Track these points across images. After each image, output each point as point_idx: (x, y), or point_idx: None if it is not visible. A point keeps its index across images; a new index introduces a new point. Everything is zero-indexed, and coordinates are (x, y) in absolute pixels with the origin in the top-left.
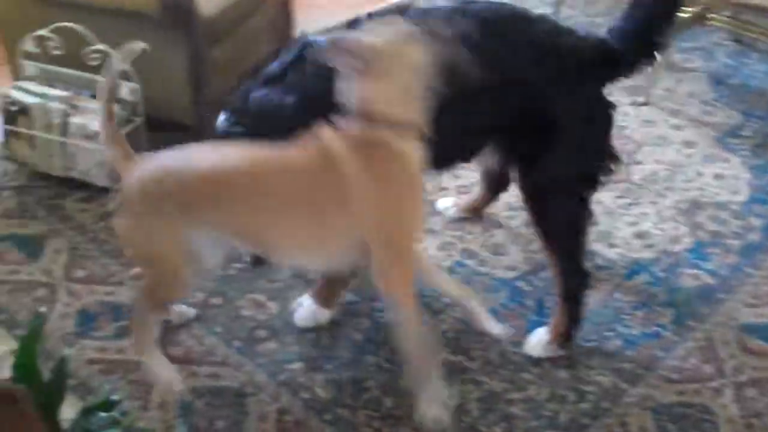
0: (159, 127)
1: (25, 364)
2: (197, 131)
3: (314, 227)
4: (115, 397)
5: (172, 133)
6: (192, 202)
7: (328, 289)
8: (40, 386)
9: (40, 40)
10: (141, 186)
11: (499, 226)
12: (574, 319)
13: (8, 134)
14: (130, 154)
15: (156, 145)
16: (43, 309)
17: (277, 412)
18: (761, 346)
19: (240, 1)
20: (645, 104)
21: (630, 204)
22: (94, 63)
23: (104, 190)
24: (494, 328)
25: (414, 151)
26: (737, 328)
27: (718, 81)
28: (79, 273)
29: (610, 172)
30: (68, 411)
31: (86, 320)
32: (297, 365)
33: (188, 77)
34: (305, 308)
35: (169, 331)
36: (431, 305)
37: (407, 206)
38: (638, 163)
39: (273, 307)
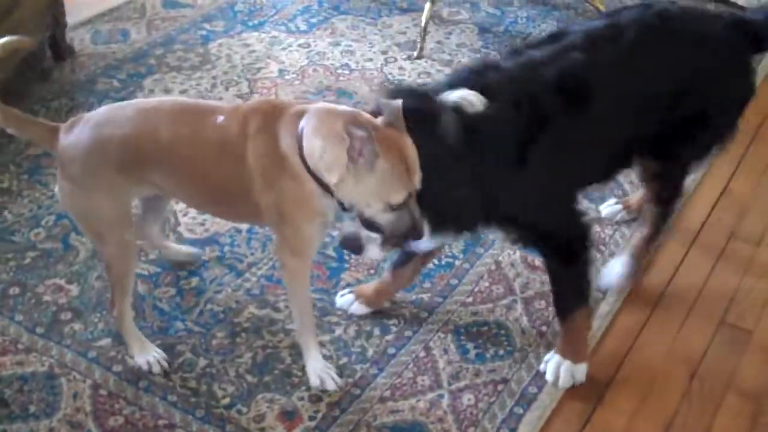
0: None
1: None
2: None
3: (218, 193)
4: None
5: None
6: (131, 160)
7: (375, 296)
8: None
9: None
10: (79, 151)
11: None
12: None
13: None
14: (50, 126)
15: None
16: None
17: (90, 388)
18: (542, 261)
19: None
20: (419, 58)
21: None
22: None
23: None
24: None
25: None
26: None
27: (484, 30)
28: None
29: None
30: None
31: None
32: (105, 341)
33: None
34: (346, 298)
35: None
36: (235, 266)
37: (290, 213)
38: None
39: (74, 289)
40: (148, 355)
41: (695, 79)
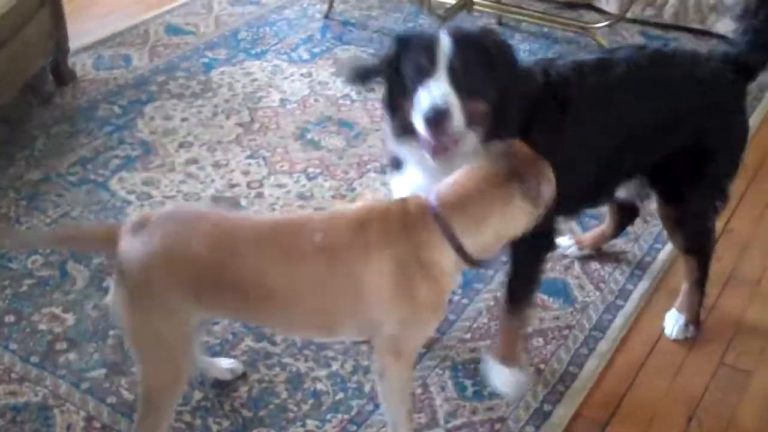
0: None
1: None
2: None
3: (313, 317)
4: None
5: None
6: (204, 286)
7: (507, 348)
8: None
9: None
10: (145, 264)
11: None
12: (701, 302)
13: None
14: (107, 230)
15: None
16: None
17: (84, 420)
18: (543, 299)
19: (9, 14)
20: None
21: None
22: None
23: None
24: None
25: (450, 269)
26: None
27: None
28: None
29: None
30: None
31: None
32: (100, 372)
33: None
34: (496, 372)
35: None
36: None
37: (419, 318)
38: None
39: (70, 318)
40: None
41: (687, 115)
